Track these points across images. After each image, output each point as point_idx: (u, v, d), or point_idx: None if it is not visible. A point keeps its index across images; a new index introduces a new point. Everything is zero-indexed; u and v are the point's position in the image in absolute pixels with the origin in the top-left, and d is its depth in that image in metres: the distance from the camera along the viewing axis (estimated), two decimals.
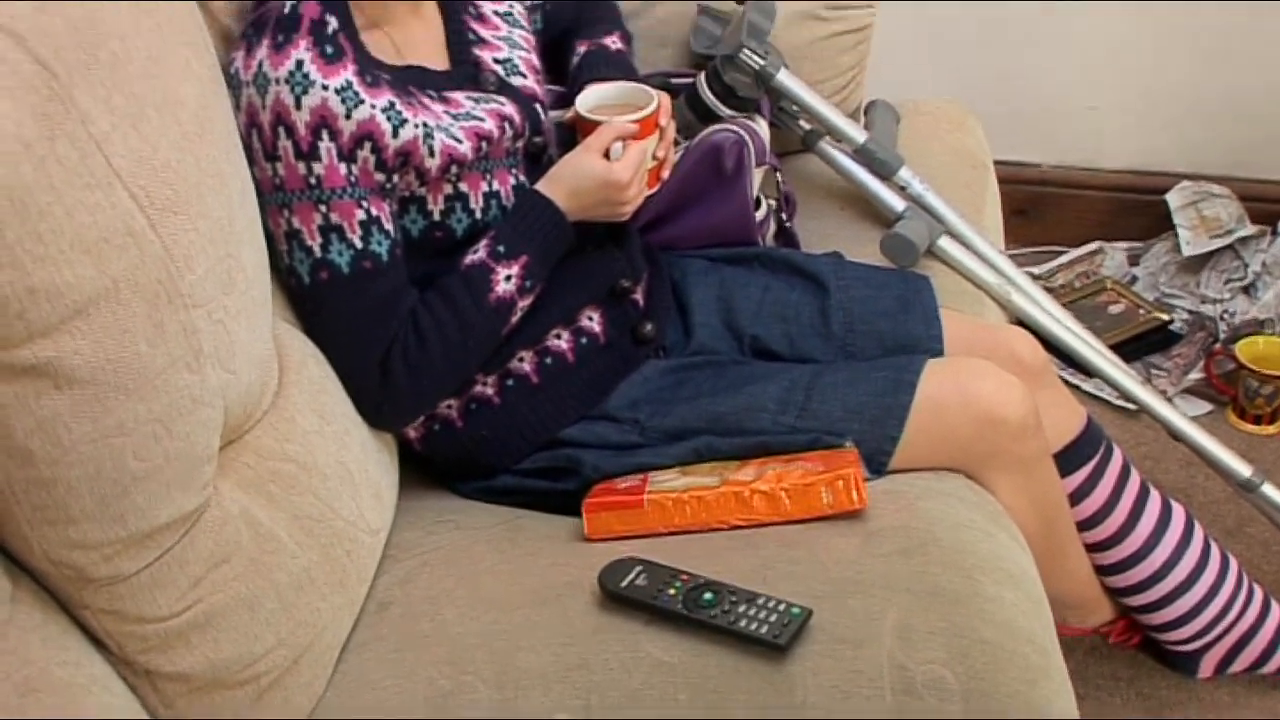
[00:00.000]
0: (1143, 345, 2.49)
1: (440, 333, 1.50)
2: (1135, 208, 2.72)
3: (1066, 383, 2.08)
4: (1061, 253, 2.77)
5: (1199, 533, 1.83)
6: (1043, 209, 2.77)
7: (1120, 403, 2.36)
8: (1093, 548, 1.79)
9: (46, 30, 1.07)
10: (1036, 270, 2.70)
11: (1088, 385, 2.40)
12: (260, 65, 1.41)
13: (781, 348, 1.72)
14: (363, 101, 1.43)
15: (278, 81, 1.40)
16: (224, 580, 1.26)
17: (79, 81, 1.08)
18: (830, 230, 1.96)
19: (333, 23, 1.44)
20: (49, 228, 1.03)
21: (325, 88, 1.41)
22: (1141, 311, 2.55)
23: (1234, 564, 1.84)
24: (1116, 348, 2.21)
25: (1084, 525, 1.77)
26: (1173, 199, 2.63)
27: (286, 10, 1.44)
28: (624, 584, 1.37)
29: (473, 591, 1.46)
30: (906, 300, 1.73)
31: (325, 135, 1.41)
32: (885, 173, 1.95)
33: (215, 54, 1.38)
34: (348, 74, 1.43)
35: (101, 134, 1.09)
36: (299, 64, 1.40)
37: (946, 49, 2.65)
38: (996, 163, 2.22)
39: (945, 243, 1.90)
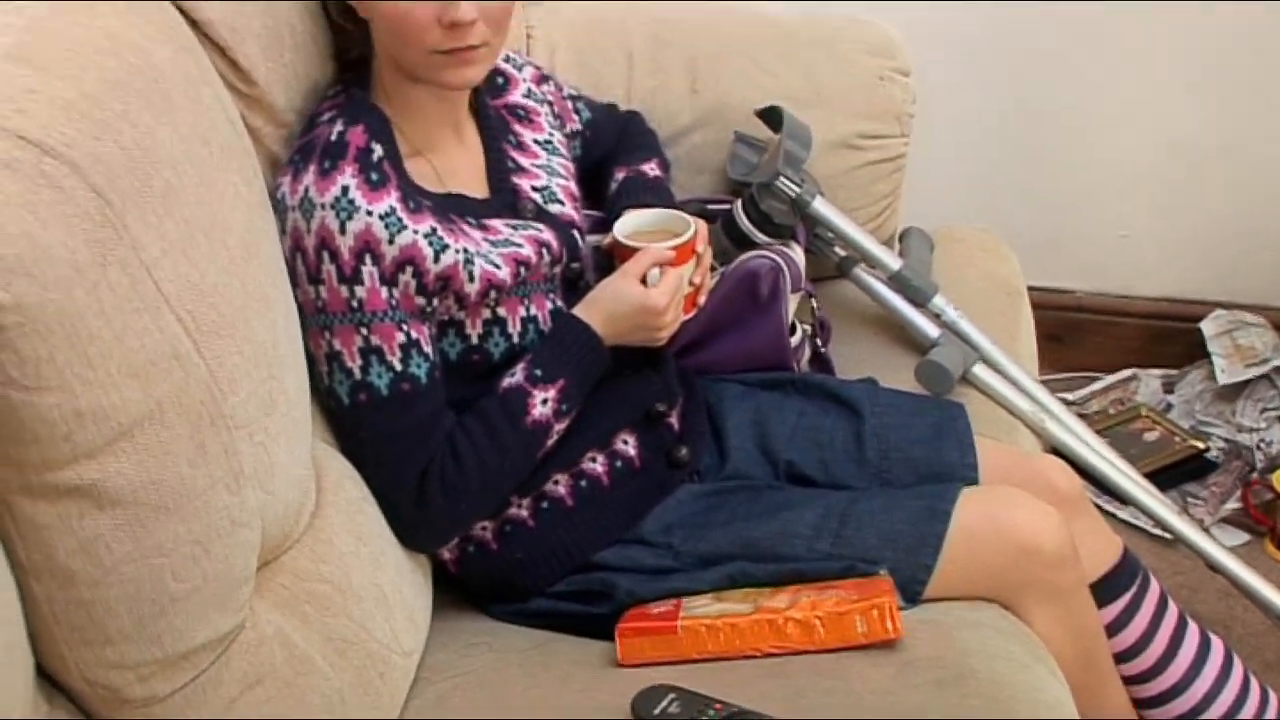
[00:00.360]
0: (1179, 474, 2.48)
1: (477, 455, 1.51)
2: (1170, 335, 2.72)
3: (1102, 510, 2.08)
4: (1096, 379, 2.77)
5: (1238, 666, 1.80)
6: (1077, 335, 2.78)
7: (1157, 532, 2.34)
8: (1130, 679, 1.77)
9: (102, 158, 1.10)
10: (1071, 396, 2.70)
11: (1124, 513, 2.39)
12: (306, 191, 1.44)
13: (816, 473, 1.72)
14: (405, 227, 1.45)
15: (323, 207, 1.43)
16: (257, 702, 1.25)
17: (132, 208, 1.11)
18: (865, 356, 1.97)
19: (378, 150, 1.47)
20: (98, 351, 1.05)
21: (369, 213, 1.43)
22: (1177, 439, 2.54)
23: (1274, 699, 1.82)
24: (1152, 476, 2.20)
25: (1121, 657, 1.75)
26: (1207, 327, 2.63)
27: (333, 137, 1.47)
28: (657, 712, 1.36)
29: (505, 716, 1.45)
30: (941, 427, 1.73)
31: (368, 259, 1.44)
32: (920, 299, 1.96)
33: (263, 179, 1.42)
34: (391, 200, 1.45)
35: (152, 260, 1.12)
36: (344, 190, 1.43)
37: (980, 176, 2.68)
38: (1030, 288, 2.23)
39: (980, 370, 1.91)
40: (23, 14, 1.18)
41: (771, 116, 1.99)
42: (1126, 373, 2.76)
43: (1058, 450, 1.92)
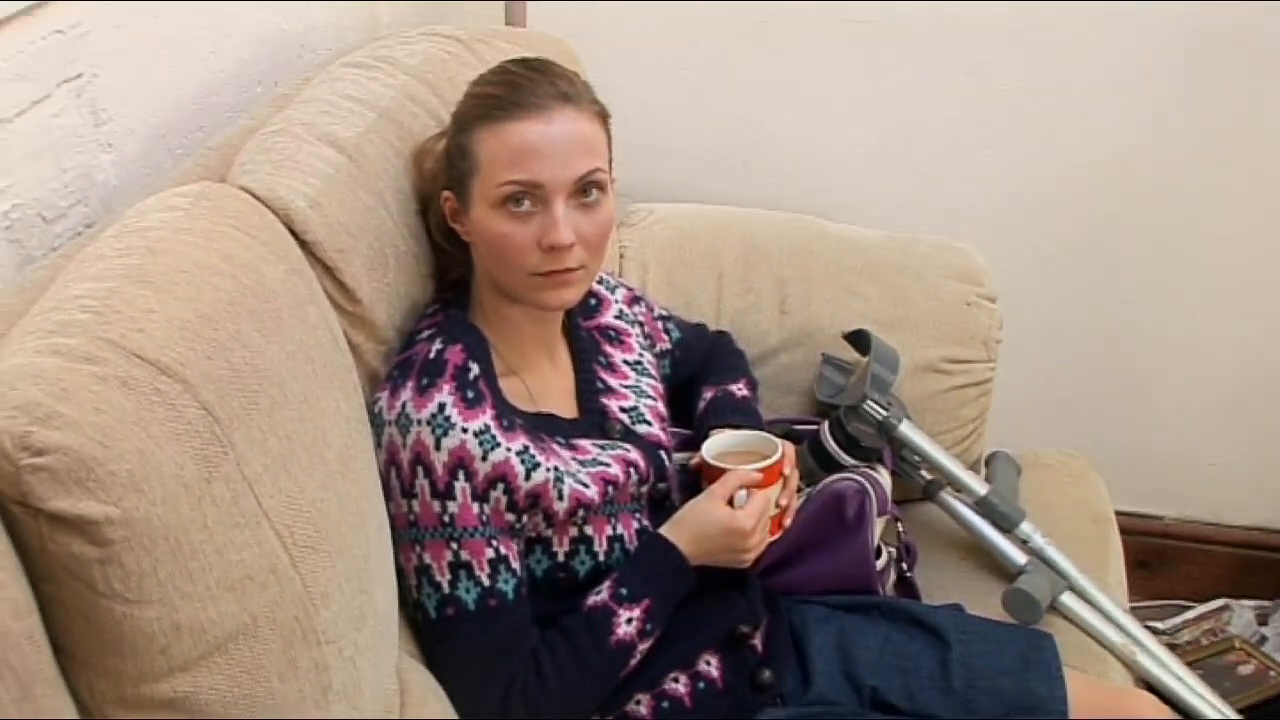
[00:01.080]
0: (1274, 710, 2.40)
1: (560, 673, 1.51)
2: (1263, 565, 2.67)
3: None
4: (1187, 607, 2.71)
5: None
6: (1167, 562, 2.73)
7: None
8: None
9: (213, 376, 1.14)
10: (1161, 625, 2.64)
11: None
12: (404, 406, 1.47)
13: (900, 700, 1.69)
14: (499, 445, 1.48)
15: (419, 423, 1.46)
16: None
17: (239, 425, 1.14)
18: (951, 581, 1.95)
19: (475, 369, 1.51)
20: (199, 566, 1.08)
21: (465, 430, 1.46)
22: (1272, 674, 2.47)
23: None
24: (1247, 712, 2.14)
25: None
26: None
27: (432, 355, 1.51)
28: None
29: None
30: (1028, 658, 1.70)
31: (462, 476, 1.46)
32: (1006, 525, 1.95)
33: (362, 394, 1.46)
34: (486, 418, 1.48)
35: (254, 475, 1.15)
36: (441, 407, 1.46)
37: (1067, 401, 2.67)
38: (1118, 513, 2.21)
39: (1068, 599, 1.89)
40: (146, 236, 1.25)
41: (859, 339, 2.02)
42: (1218, 603, 2.70)
43: (1149, 684, 1.87)
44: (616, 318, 1.79)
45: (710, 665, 1.65)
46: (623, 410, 1.69)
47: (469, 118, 1.54)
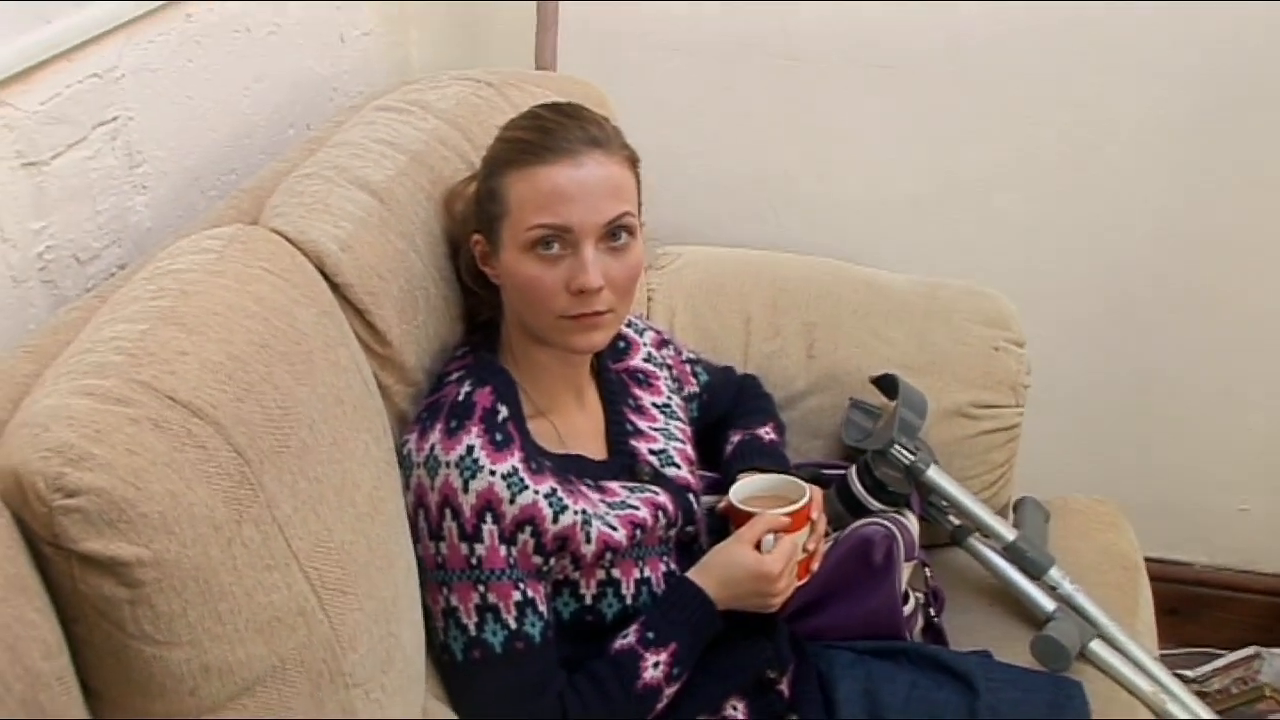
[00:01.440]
0: None
1: (587, 717, 1.50)
2: None
3: None
4: (1217, 655, 2.68)
5: None
6: (1196, 609, 2.71)
7: None
8: None
9: (244, 419, 1.15)
10: (1190, 673, 2.62)
11: None
12: (433, 448, 1.48)
13: None
14: (527, 487, 1.48)
15: (448, 465, 1.46)
16: None
17: (269, 467, 1.15)
18: (978, 627, 1.94)
19: (503, 411, 1.51)
20: (228, 607, 1.08)
21: (493, 473, 1.46)
22: None
23: None
24: None
25: None
26: None
27: (461, 397, 1.51)
28: None
29: None
30: (1058, 706, 1.69)
31: (489, 518, 1.46)
32: (1035, 572, 1.94)
33: (391, 436, 1.46)
34: (514, 460, 1.49)
35: (284, 517, 1.15)
36: (470, 449, 1.47)
37: (1096, 446, 2.66)
38: (1148, 559, 2.20)
39: (1097, 646, 1.87)
40: (179, 278, 1.26)
41: (887, 384, 2.02)
42: (1249, 651, 2.67)
43: None
44: (645, 360, 1.79)
45: (737, 710, 1.64)
46: (652, 453, 1.69)
47: (499, 161, 1.55)
